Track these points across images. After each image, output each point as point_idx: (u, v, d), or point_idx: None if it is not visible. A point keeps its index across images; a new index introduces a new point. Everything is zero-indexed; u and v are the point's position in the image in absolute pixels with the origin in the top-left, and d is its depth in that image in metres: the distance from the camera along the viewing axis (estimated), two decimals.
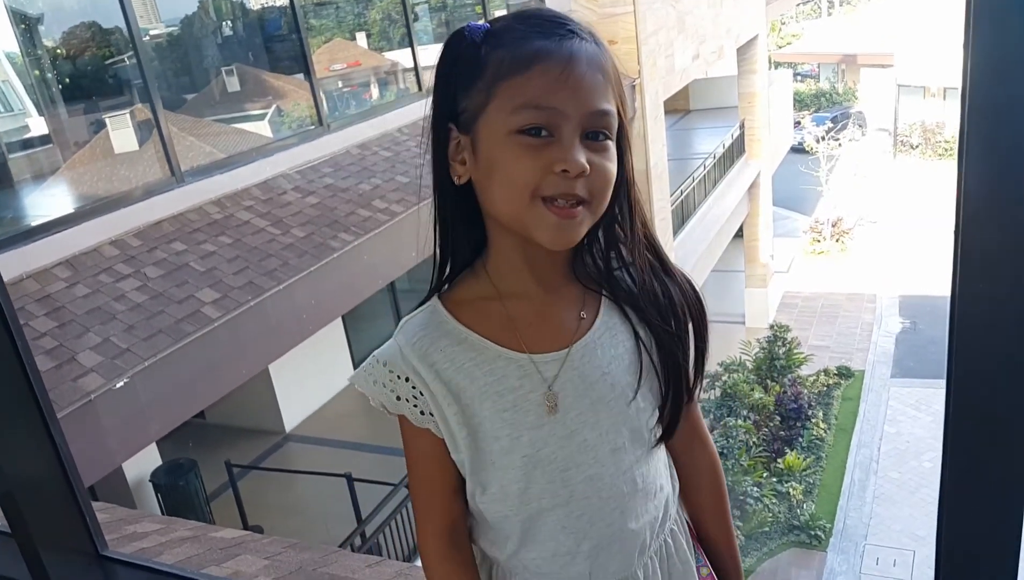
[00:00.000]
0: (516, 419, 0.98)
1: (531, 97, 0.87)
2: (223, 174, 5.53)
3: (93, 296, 4.20)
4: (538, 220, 0.90)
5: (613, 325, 1.02)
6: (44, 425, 1.26)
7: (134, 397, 3.79)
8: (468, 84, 0.92)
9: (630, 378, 1.01)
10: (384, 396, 1.00)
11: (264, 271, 4.77)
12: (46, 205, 5.29)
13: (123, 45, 5.37)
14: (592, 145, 0.90)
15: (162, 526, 2.20)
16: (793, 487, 10.66)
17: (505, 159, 0.90)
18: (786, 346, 13.09)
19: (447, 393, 0.98)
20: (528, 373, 0.98)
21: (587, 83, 0.89)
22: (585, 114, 0.89)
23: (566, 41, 0.90)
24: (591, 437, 0.99)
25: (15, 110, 5.69)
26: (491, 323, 0.99)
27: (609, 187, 0.93)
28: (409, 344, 1.00)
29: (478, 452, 1.00)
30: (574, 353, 0.99)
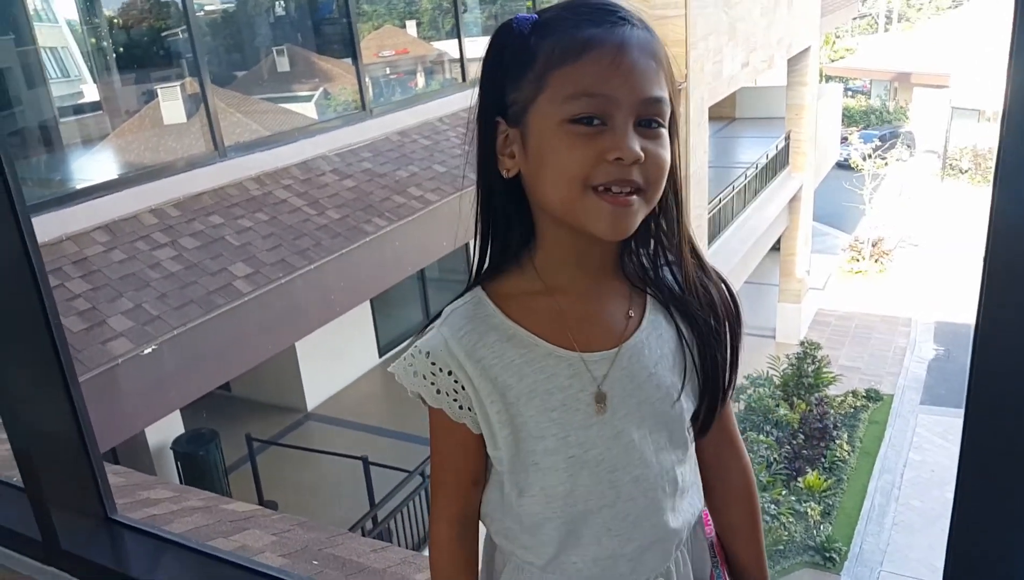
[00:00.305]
0: (564, 419, 0.96)
1: (583, 85, 0.86)
2: (265, 152, 5.59)
3: (129, 262, 4.27)
4: (592, 210, 0.89)
5: (659, 325, 1.01)
6: (65, 387, 1.28)
7: (160, 364, 3.85)
8: (518, 76, 0.91)
9: (675, 379, 1.00)
10: (424, 388, 0.98)
11: (297, 250, 4.81)
12: (91, 170, 5.39)
13: (178, 18, 5.44)
14: (646, 132, 0.89)
15: (175, 494, 2.23)
16: (812, 507, 10.55)
17: (557, 149, 0.88)
18: (815, 364, 12.94)
19: (492, 390, 0.96)
20: (578, 372, 0.96)
21: (639, 69, 0.88)
22: (638, 101, 0.87)
23: (618, 28, 0.89)
24: (637, 437, 0.99)
25: (71, 76, 5.80)
26: (539, 319, 0.97)
27: (664, 175, 0.91)
28: (455, 337, 0.97)
29: (519, 452, 0.98)
30: (624, 353, 0.98)
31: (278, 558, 1.79)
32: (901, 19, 44.80)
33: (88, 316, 3.82)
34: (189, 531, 1.89)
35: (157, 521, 1.93)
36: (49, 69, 5.50)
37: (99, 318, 3.83)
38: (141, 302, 4.01)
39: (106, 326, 3.79)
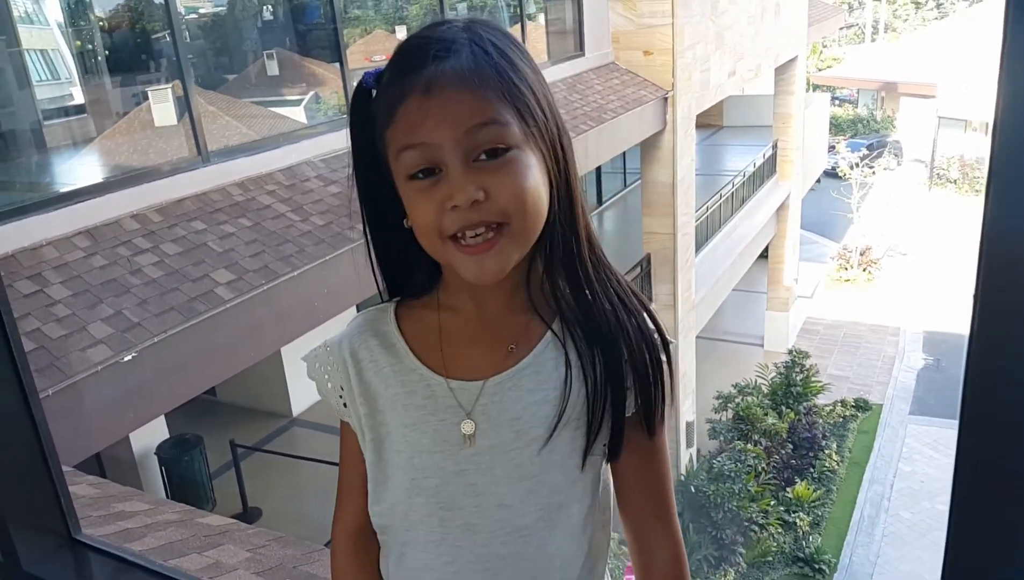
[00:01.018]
0: (414, 438, 0.94)
1: (403, 140, 0.84)
2: (249, 157, 5.54)
3: (110, 268, 4.21)
4: (455, 260, 0.86)
5: (542, 367, 0.92)
6: (24, 402, 1.24)
7: (141, 372, 3.80)
8: (375, 134, 0.90)
9: (542, 431, 0.91)
10: (320, 380, 1.00)
11: (280, 256, 4.77)
12: (74, 174, 5.33)
13: (165, 21, 5.40)
14: (488, 166, 0.83)
15: (150, 507, 2.18)
16: (800, 518, 10.54)
17: (409, 205, 0.88)
18: (804, 373, 12.94)
19: (362, 393, 0.96)
20: (434, 394, 0.93)
21: (452, 104, 0.82)
22: (459, 136, 0.82)
23: (425, 70, 0.83)
24: (481, 483, 0.92)
25: (61, 79, 5.74)
26: (420, 334, 0.96)
27: (526, 202, 0.84)
28: (349, 336, 0.99)
29: (379, 461, 0.97)
30: (488, 388, 0.92)
31: (252, 576, 1.75)
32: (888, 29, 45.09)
33: (68, 322, 3.76)
34: (162, 546, 1.84)
35: (129, 535, 1.88)
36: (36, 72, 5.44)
37: (79, 324, 3.77)
38: (121, 308, 3.96)
39: (86, 333, 3.74)
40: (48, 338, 3.64)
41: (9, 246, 4.03)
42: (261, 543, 2.00)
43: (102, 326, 3.82)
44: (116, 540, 1.76)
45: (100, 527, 1.92)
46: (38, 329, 3.66)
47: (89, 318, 3.85)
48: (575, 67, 9.45)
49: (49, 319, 3.74)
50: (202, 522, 2.11)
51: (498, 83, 0.84)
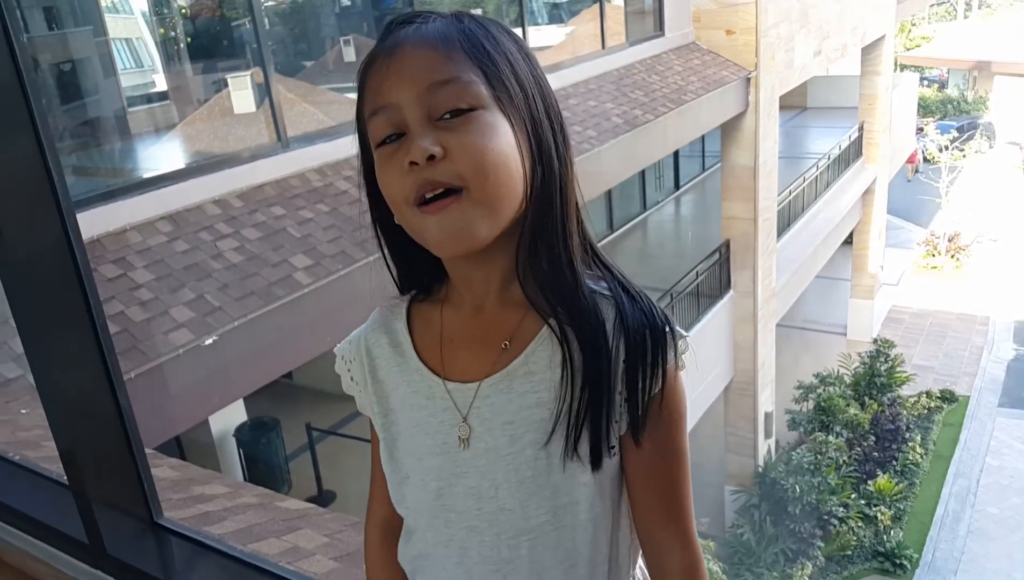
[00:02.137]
0: (420, 439, 0.91)
1: (370, 105, 0.82)
2: (327, 143, 5.58)
3: (192, 252, 4.29)
4: (420, 227, 0.81)
5: (535, 367, 0.86)
6: (111, 388, 1.24)
7: (221, 355, 3.86)
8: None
9: (536, 434, 0.85)
10: (344, 374, 0.99)
11: (357, 242, 4.79)
12: (158, 159, 5.46)
13: (245, 8, 5.47)
14: (448, 124, 0.79)
15: (230, 490, 2.20)
16: (882, 512, 10.26)
17: (379, 176, 0.84)
18: (888, 363, 12.59)
19: (376, 391, 0.95)
20: (434, 395, 0.90)
21: (412, 62, 0.80)
22: (418, 93, 0.79)
23: (394, 35, 0.83)
24: (480, 486, 0.89)
25: (144, 67, 5.89)
26: (427, 333, 0.93)
27: (485, 164, 0.78)
28: (366, 331, 0.98)
29: (392, 460, 0.95)
30: (482, 391, 0.88)
31: (329, 561, 1.73)
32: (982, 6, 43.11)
33: (151, 306, 3.84)
34: (240, 530, 1.85)
35: (209, 519, 1.89)
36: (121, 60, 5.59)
37: (162, 308, 3.85)
38: (203, 292, 4.03)
39: (168, 316, 3.82)
40: (131, 321, 3.73)
41: (95, 231, 4.14)
42: (338, 528, 1.99)
43: (184, 310, 3.90)
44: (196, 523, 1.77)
45: (180, 510, 1.93)
46: (122, 312, 3.75)
47: (171, 302, 3.93)
48: (654, 48, 9.27)
49: (132, 303, 3.83)
50: (280, 506, 2.12)
51: (465, 44, 0.82)
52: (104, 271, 3.96)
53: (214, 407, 4.28)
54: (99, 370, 1.23)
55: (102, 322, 1.23)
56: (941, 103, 30.35)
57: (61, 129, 4.90)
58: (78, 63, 5.20)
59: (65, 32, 5.18)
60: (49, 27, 5.19)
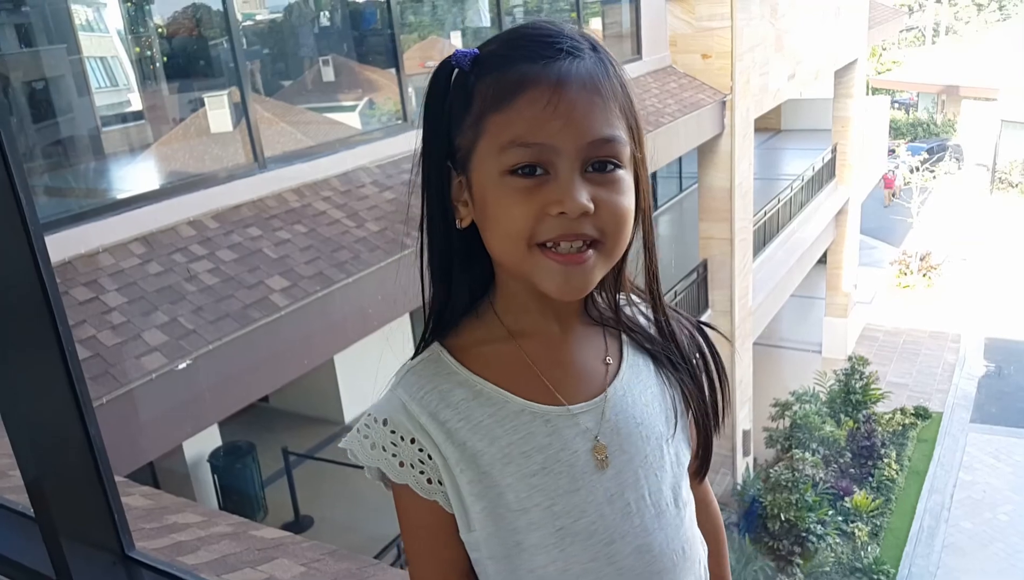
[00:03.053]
0: (547, 484, 0.82)
1: (517, 133, 0.77)
2: (305, 163, 5.55)
3: (165, 274, 4.23)
4: (540, 269, 0.79)
5: (638, 369, 0.92)
6: (80, 415, 1.19)
7: (195, 379, 3.80)
8: (460, 119, 0.82)
9: (663, 427, 0.90)
10: (385, 462, 0.85)
11: (335, 263, 4.75)
12: (131, 180, 5.40)
13: (223, 28, 5.44)
14: (597, 178, 0.78)
15: (203, 519, 2.14)
16: (859, 528, 10.32)
17: (499, 203, 0.79)
18: (863, 380, 12.70)
19: (461, 458, 0.82)
20: (557, 428, 0.83)
21: (581, 109, 0.77)
22: (582, 145, 0.77)
23: (555, 63, 0.78)
24: (633, 499, 0.85)
25: (120, 85, 5.82)
26: (506, 370, 0.85)
27: (625, 225, 0.81)
28: (415, 398, 0.84)
29: (499, 532, 0.83)
30: (610, 401, 0.87)
31: None
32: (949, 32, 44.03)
33: (123, 330, 3.77)
34: (215, 560, 1.79)
35: (182, 549, 1.84)
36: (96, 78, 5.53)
37: (134, 332, 3.79)
38: (177, 316, 3.97)
39: (140, 340, 3.75)
40: (103, 345, 3.66)
41: (66, 253, 4.07)
42: (315, 557, 1.94)
43: (157, 333, 3.83)
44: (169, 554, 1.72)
45: (153, 540, 1.88)
46: (93, 336, 3.68)
47: (144, 325, 3.86)
48: (632, 71, 9.21)
49: (104, 326, 3.76)
50: (256, 535, 2.07)
51: (621, 98, 0.82)
52: (76, 294, 3.88)
53: (188, 433, 4.20)
54: (67, 397, 1.19)
55: (71, 348, 1.19)
56: (911, 126, 30.92)
57: (32, 148, 4.82)
58: (51, 81, 5.13)
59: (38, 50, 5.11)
60: (21, 44, 5.12)
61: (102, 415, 3.27)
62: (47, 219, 4.23)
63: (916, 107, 33.64)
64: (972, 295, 18.10)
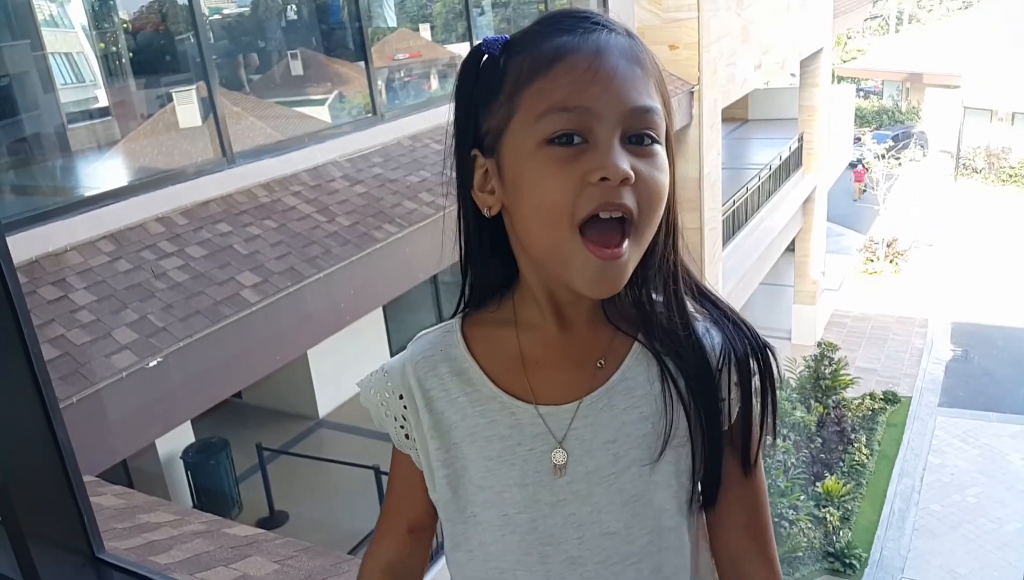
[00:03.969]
0: (501, 471, 0.85)
1: (557, 98, 0.75)
2: (274, 158, 5.51)
3: (134, 272, 4.19)
4: (576, 260, 0.77)
5: (635, 384, 0.85)
6: (46, 416, 1.19)
7: (166, 377, 3.77)
8: (489, 101, 0.81)
9: (640, 452, 0.84)
10: (375, 408, 0.93)
11: (306, 258, 4.73)
12: (98, 177, 5.33)
13: (188, 22, 5.38)
14: (636, 150, 0.77)
15: (176, 518, 2.14)
16: (830, 512, 10.42)
17: (535, 178, 0.77)
18: (832, 366, 12.81)
19: (433, 426, 0.87)
20: (519, 423, 0.85)
21: (621, 75, 0.76)
22: (623, 112, 0.76)
23: (592, 34, 0.78)
24: (580, 512, 0.84)
25: (86, 81, 5.74)
26: (496, 356, 0.88)
27: (660, 201, 0.79)
28: (412, 361, 0.90)
29: (457, 499, 0.88)
30: (581, 411, 0.84)
31: None
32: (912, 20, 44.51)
33: (92, 328, 3.74)
34: (188, 559, 1.79)
35: (155, 548, 1.84)
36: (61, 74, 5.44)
37: (103, 330, 3.75)
38: (146, 313, 3.93)
39: (110, 338, 3.71)
40: (72, 344, 3.62)
41: (33, 251, 4.02)
42: (289, 554, 1.94)
43: (127, 331, 3.80)
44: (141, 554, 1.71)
45: (125, 540, 1.87)
46: (62, 335, 3.64)
47: (114, 323, 3.82)
48: None
49: (73, 325, 3.72)
50: (229, 532, 2.07)
51: (659, 76, 0.81)
52: (43, 293, 3.84)
53: (160, 430, 4.17)
54: (33, 398, 1.18)
55: (36, 349, 1.18)
56: (877, 113, 31.23)
57: None
58: (14, 78, 5.04)
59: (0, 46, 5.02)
60: None
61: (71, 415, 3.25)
62: (12, 218, 4.18)
63: (881, 95, 33.99)
64: (938, 280, 18.33)
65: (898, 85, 32.68)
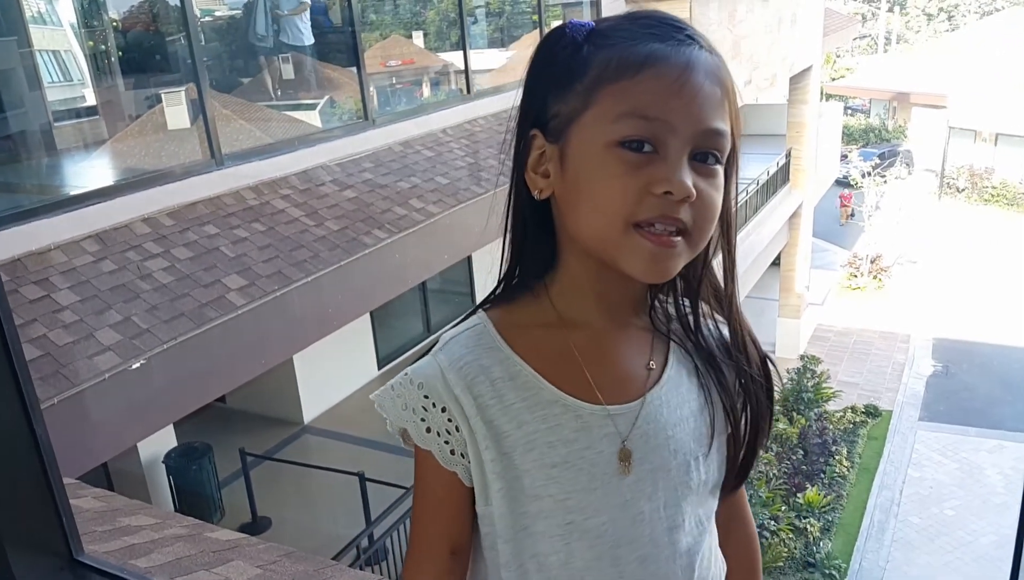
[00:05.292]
0: (565, 477, 0.82)
1: (639, 104, 0.76)
2: (263, 160, 5.49)
3: (119, 273, 4.15)
4: (630, 247, 0.77)
5: (680, 381, 0.89)
6: (26, 416, 1.16)
7: (149, 379, 3.73)
8: (564, 86, 0.80)
9: (694, 445, 0.87)
10: (413, 424, 0.85)
11: (294, 262, 4.71)
12: (84, 176, 5.29)
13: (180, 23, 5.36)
14: (700, 168, 0.78)
15: (157, 521, 2.11)
16: (811, 523, 10.47)
17: (599, 176, 0.77)
18: (815, 379, 12.91)
19: (487, 435, 0.83)
20: (587, 425, 0.83)
21: (704, 96, 0.78)
22: (698, 131, 0.77)
23: (684, 47, 0.79)
24: (648, 510, 0.84)
25: (74, 80, 5.70)
26: (547, 358, 0.85)
27: (713, 219, 0.81)
28: (454, 367, 0.84)
29: (511, 512, 0.84)
30: (647, 406, 0.85)
31: None
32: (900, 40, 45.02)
33: (75, 329, 3.70)
34: (168, 563, 1.77)
35: (135, 552, 1.81)
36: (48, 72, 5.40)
37: (86, 331, 3.71)
38: (130, 314, 3.90)
39: (93, 339, 3.68)
40: (54, 345, 3.58)
41: (16, 250, 3.98)
42: (272, 559, 1.92)
43: (110, 332, 3.76)
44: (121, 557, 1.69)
45: (104, 543, 1.84)
46: (44, 335, 3.60)
47: (97, 324, 3.79)
48: None
49: (56, 325, 3.68)
50: (211, 536, 2.04)
51: (733, 99, 0.82)
52: (26, 292, 3.80)
53: (142, 433, 4.13)
54: (13, 398, 1.16)
55: (17, 348, 1.16)
56: (864, 131, 31.54)
57: None
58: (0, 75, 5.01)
59: None
60: None
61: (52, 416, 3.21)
62: None
63: (868, 113, 34.32)
64: (921, 297, 18.53)
65: (885, 104, 33.02)
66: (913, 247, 20.84)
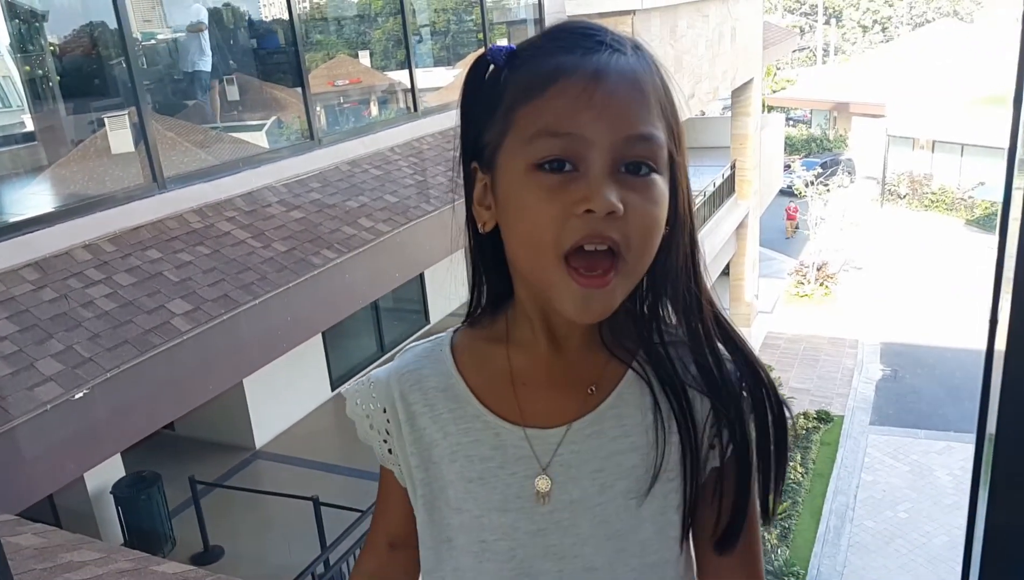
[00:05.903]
0: (480, 494, 0.82)
1: (547, 122, 0.72)
2: (207, 183, 5.41)
3: (59, 301, 4.05)
4: (560, 287, 0.73)
5: (625, 411, 0.82)
6: None
7: (93, 410, 3.64)
8: (489, 114, 0.78)
9: (628, 483, 0.80)
10: (359, 419, 0.90)
11: (240, 284, 4.64)
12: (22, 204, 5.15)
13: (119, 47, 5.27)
14: (630, 181, 0.72)
15: (101, 556, 2.05)
16: (769, 531, 10.55)
17: (522, 203, 0.74)
18: None
19: (414, 442, 0.85)
20: (503, 444, 0.82)
21: (618, 101, 0.72)
22: (618, 140, 0.72)
23: (593, 54, 0.73)
24: (562, 544, 0.80)
25: (12, 106, 5.57)
26: (484, 374, 0.85)
27: (653, 235, 0.74)
28: (398, 374, 0.87)
29: (432, 520, 0.85)
30: (569, 436, 0.81)
31: None
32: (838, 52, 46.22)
33: (14, 359, 3.59)
34: None
35: None
36: None
37: (27, 362, 3.61)
38: (72, 343, 3.80)
39: (34, 370, 3.57)
40: None
41: None
42: None
43: (51, 362, 3.66)
44: None
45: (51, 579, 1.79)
46: None
47: (37, 354, 3.68)
48: None
49: None
50: (157, 570, 1.99)
51: (660, 95, 0.77)
52: None
53: (86, 465, 4.02)
54: None
55: None
56: (806, 141, 32.25)
57: None
58: None
59: None
60: None
61: None
62: None
63: (810, 124, 35.11)
64: (868, 302, 18.91)
65: (826, 114, 33.81)
66: (858, 254, 21.29)
